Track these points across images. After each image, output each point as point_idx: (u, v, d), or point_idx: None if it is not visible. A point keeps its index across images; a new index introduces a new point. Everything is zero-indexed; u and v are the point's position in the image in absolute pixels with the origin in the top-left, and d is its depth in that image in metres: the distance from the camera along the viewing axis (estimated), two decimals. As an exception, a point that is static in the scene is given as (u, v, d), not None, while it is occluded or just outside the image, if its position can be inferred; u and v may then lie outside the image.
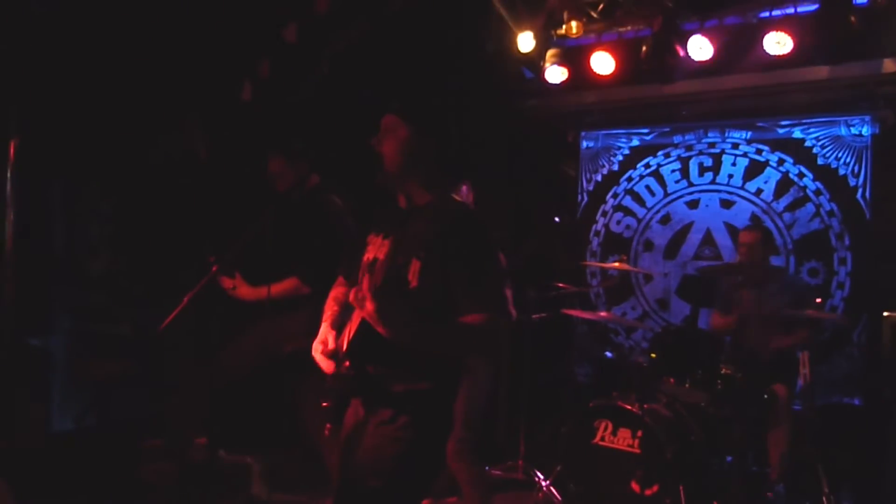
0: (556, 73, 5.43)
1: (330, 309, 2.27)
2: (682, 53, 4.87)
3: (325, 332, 2.17)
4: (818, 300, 4.37)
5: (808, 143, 5.36)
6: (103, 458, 4.01)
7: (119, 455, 4.04)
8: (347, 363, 1.99)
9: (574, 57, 5.40)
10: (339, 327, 2.17)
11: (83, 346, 4.63)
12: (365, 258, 2.16)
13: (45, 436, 4.37)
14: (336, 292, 2.33)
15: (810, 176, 5.35)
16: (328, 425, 2.04)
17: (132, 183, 4.82)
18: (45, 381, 4.46)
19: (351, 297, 1.87)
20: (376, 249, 2.13)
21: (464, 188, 3.60)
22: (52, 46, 4.09)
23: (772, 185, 5.47)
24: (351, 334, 2.02)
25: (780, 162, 5.46)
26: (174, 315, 2.98)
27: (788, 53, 4.66)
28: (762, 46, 4.70)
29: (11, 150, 3.84)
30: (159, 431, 3.91)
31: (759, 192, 5.51)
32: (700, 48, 4.87)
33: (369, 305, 1.81)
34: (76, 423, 4.53)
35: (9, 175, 3.86)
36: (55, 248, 4.60)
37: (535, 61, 5.41)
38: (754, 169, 5.54)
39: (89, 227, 4.79)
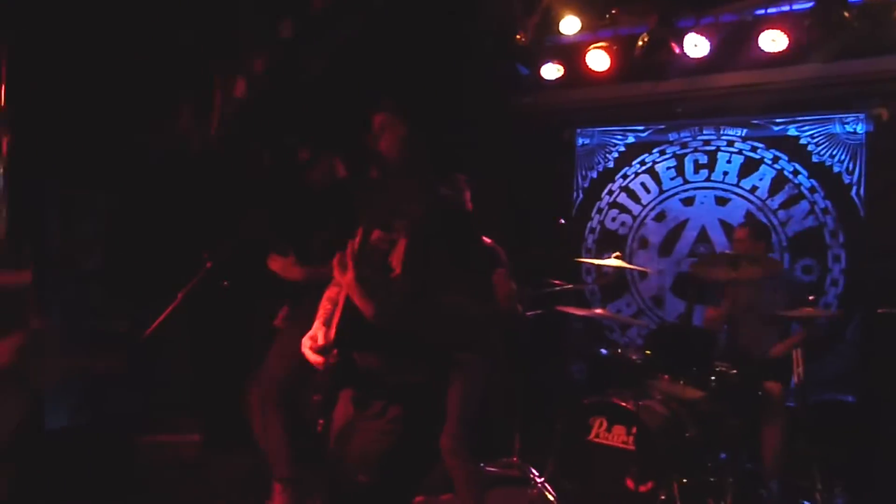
0: (551, 70, 5.43)
1: (323, 308, 2.27)
2: (677, 51, 4.88)
3: (317, 328, 2.17)
4: (811, 297, 4.38)
5: (802, 141, 5.37)
6: (97, 455, 4.00)
7: (112, 451, 4.03)
8: (335, 351, 1.99)
9: (569, 54, 5.41)
10: (330, 324, 2.17)
11: (77, 342, 4.62)
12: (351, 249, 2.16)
13: (40, 432, 4.36)
14: (330, 292, 2.32)
15: (805, 173, 5.35)
16: (320, 420, 2.04)
17: (126, 178, 4.80)
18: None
19: (335, 261, 1.90)
20: (363, 240, 2.13)
21: (465, 189, 3.58)
22: (44, 43, 4.07)
23: (766, 182, 5.48)
24: (336, 320, 2.03)
25: (775, 159, 5.46)
26: (167, 312, 2.97)
27: (783, 51, 4.68)
28: (757, 44, 4.70)
29: (4, 147, 3.82)
30: (153, 427, 3.90)
31: (753, 189, 5.52)
32: (696, 45, 4.88)
33: (350, 273, 1.84)
34: (70, 419, 4.52)
35: (1, 171, 3.84)
36: (49, 245, 4.59)
37: (530, 57, 5.41)
38: (749, 166, 5.55)
39: (83, 223, 4.77)
